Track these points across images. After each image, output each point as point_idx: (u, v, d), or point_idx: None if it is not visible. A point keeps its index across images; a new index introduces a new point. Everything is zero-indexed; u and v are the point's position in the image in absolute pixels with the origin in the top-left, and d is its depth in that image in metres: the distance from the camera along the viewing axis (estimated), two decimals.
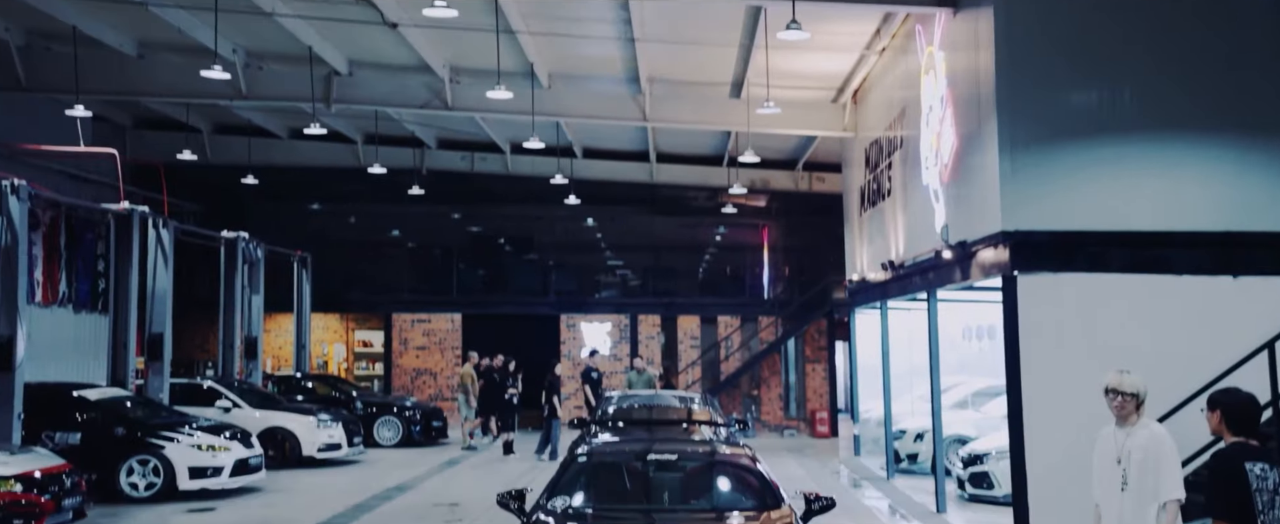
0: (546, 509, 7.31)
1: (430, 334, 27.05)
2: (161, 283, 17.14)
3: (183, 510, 13.34)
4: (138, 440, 14.19)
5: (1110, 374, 6.43)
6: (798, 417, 26.66)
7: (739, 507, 7.51)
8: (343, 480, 16.29)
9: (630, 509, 7.47)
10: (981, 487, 13.83)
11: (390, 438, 21.55)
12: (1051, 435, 9.67)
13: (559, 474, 7.90)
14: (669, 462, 8.09)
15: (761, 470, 7.95)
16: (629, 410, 14.62)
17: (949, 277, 12.52)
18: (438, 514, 12.95)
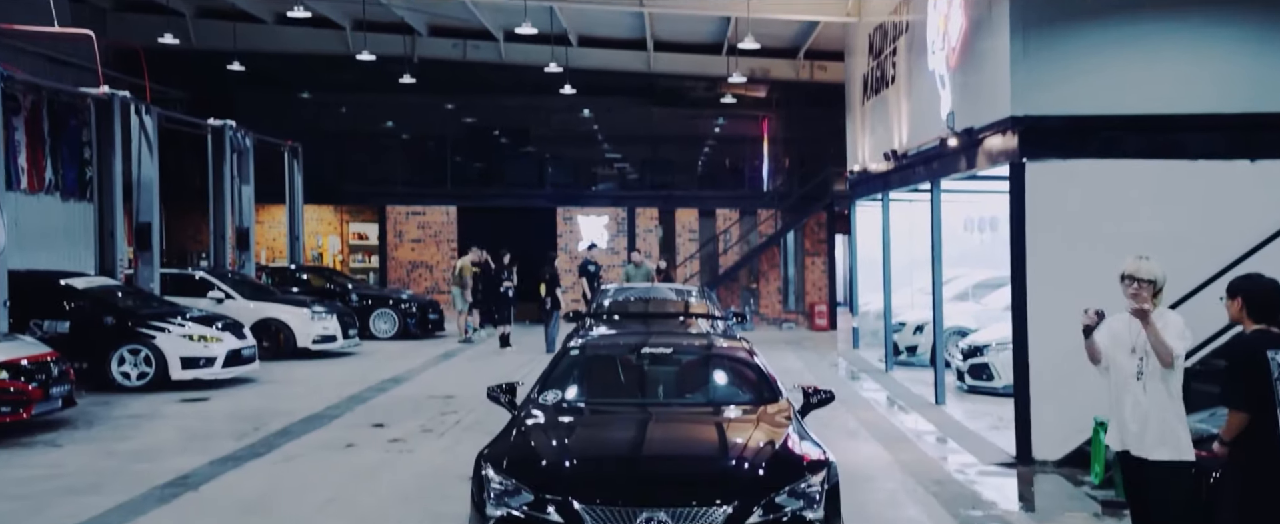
0: (537, 403, 7.13)
1: (425, 227, 26.78)
2: (147, 171, 16.77)
3: (175, 400, 13.24)
4: (128, 330, 14.02)
5: (1128, 260, 6.15)
6: (796, 310, 26.58)
7: (735, 400, 7.33)
8: (337, 372, 16.20)
9: (624, 403, 7.28)
10: (981, 378, 13.73)
11: (386, 330, 21.45)
12: (1056, 327, 9.42)
13: (551, 368, 7.70)
14: (664, 355, 7.87)
15: (758, 364, 7.75)
16: (625, 304, 14.43)
17: (953, 166, 12.19)
18: (433, 406, 12.85)
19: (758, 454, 6.14)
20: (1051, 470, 9.29)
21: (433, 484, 8.64)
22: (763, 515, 5.63)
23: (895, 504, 8.21)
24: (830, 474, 6.01)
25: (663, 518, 5.52)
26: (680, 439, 6.58)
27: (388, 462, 9.67)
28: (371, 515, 7.74)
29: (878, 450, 10.27)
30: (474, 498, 5.99)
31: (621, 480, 5.88)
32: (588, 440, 6.55)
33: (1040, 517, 7.80)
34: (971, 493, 8.55)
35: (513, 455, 6.18)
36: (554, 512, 5.64)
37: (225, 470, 9.27)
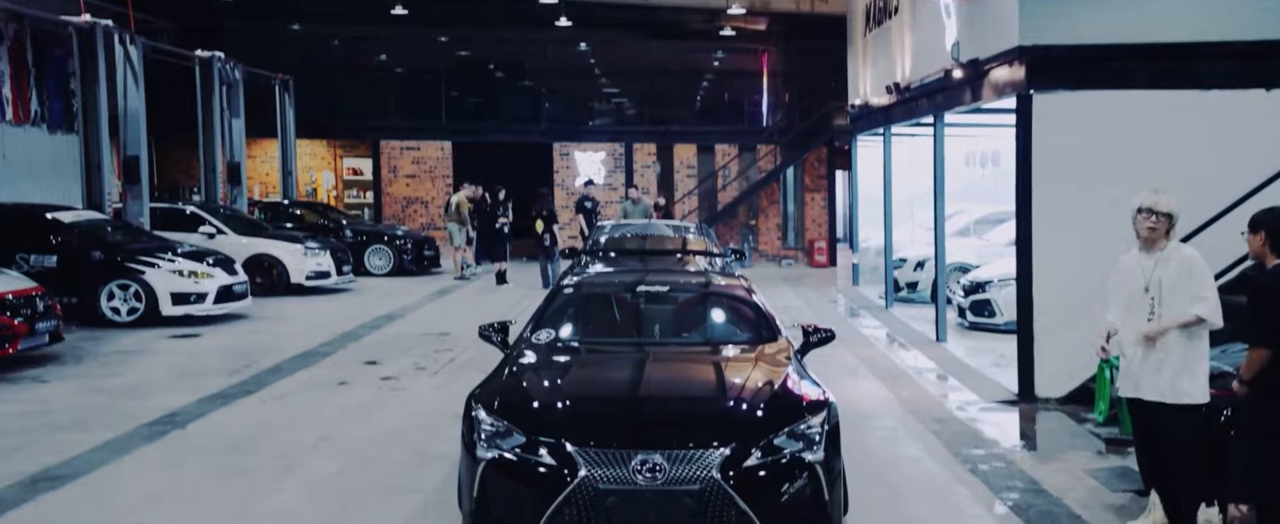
0: (530, 343, 6.93)
1: (420, 162, 26.46)
2: (133, 103, 16.42)
3: (166, 336, 13.07)
4: (117, 265, 13.81)
5: (1143, 193, 5.93)
6: (795, 246, 26.38)
7: (733, 339, 7.13)
8: (331, 308, 16.03)
9: (619, 342, 7.08)
10: (982, 315, 13.57)
11: (381, 267, 21.26)
12: (1061, 264, 9.25)
13: (544, 306, 7.49)
14: (660, 293, 7.65)
15: (757, 302, 7.54)
16: (622, 241, 14.22)
17: (958, 98, 11.88)
18: (427, 344, 12.69)
19: (756, 395, 5.96)
20: (1054, 408, 9.14)
21: (425, 423, 8.49)
22: (761, 457, 5.47)
23: (895, 443, 8.07)
24: (830, 414, 5.84)
25: (658, 460, 5.35)
26: (676, 380, 6.40)
27: (380, 400, 9.51)
28: (362, 455, 7.59)
29: (878, 388, 10.13)
30: (465, 440, 5.82)
31: (616, 422, 5.70)
32: (581, 381, 6.36)
33: (1043, 455, 7.66)
34: (973, 431, 8.40)
35: (504, 397, 6.00)
36: (546, 454, 5.47)
37: (214, 408, 9.12)
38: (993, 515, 6.29)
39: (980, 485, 6.88)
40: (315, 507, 6.38)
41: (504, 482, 5.56)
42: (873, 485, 6.74)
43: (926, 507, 6.41)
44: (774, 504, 5.42)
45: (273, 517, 6.19)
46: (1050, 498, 6.58)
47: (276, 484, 6.85)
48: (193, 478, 7.02)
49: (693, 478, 5.33)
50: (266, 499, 6.54)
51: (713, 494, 5.33)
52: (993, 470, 7.22)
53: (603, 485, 5.32)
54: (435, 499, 6.46)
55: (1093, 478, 7.01)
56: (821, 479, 5.54)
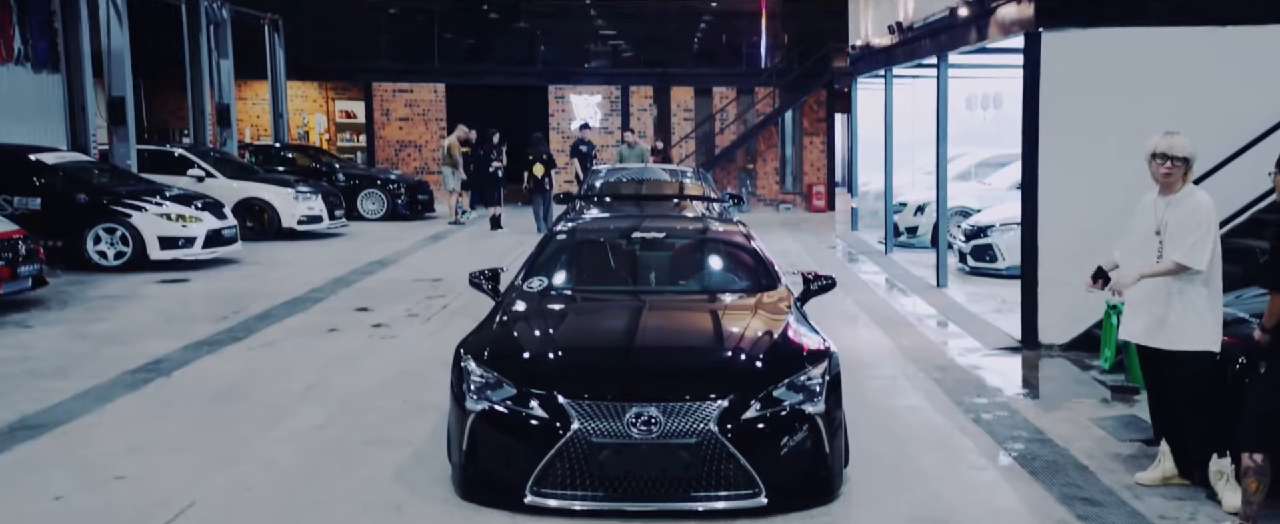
0: (521, 291, 6.71)
1: (413, 105, 26.06)
2: (117, 42, 16.04)
3: (153, 281, 12.85)
4: (102, 208, 13.54)
5: (1157, 138, 5.68)
6: (794, 191, 26.11)
7: (731, 287, 6.90)
8: (323, 253, 15.80)
9: (613, 291, 6.84)
10: (984, 260, 13.36)
11: (374, 211, 21.00)
12: (1067, 208, 9.01)
13: (536, 253, 7.25)
14: (656, 240, 7.41)
15: (756, 248, 7.31)
16: (617, 185, 13.97)
17: (963, 38, 11.56)
18: (419, 289, 12.47)
19: (755, 345, 5.76)
20: (1057, 354, 8.96)
21: (416, 372, 8.29)
22: (760, 409, 5.27)
23: (896, 392, 7.88)
24: (831, 365, 5.64)
25: (653, 413, 5.15)
26: (673, 329, 6.18)
27: (370, 348, 9.31)
28: (350, 405, 7.40)
29: (878, 335, 9.94)
30: (454, 390, 5.62)
31: (609, 373, 5.50)
32: (574, 331, 6.15)
33: (1047, 403, 7.48)
34: (975, 379, 8.22)
35: (495, 347, 5.79)
36: (537, 407, 5.27)
37: (200, 355, 8.92)
38: (997, 467, 6.12)
39: (984, 435, 6.70)
40: (301, 458, 6.20)
41: (494, 435, 5.37)
42: (874, 436, 6.56)
43: (929, 458, 6.24)
44: (773, 457, 5.25)
45: (257, 469, 6.01)
46: (1056, 448, 6.41)
47: (262, 435, 6.67)
48: (175, 428, 6.83)
49: (689, 431, 5.14)
50: (251, 450, 6.35)
51: (710, 447, 5.14)
52: (996, 420, 7.04)
53: (596, 439, 5.14)
54: (426, 451, 6.27)
55: (1099, 427, 6.84)
56: (822, 431, 5.37)
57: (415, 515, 5.29)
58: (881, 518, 5.26)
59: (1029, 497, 5.60)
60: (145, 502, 5.45)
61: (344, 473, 5.94)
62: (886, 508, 5.39)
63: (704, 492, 5.18)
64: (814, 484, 5.40)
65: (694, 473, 5.16)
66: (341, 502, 5.48)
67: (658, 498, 5.18)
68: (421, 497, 5.54)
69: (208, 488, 5.67)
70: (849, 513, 5.32)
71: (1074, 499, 5.52)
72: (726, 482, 5.18)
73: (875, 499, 5.51)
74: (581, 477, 5.18)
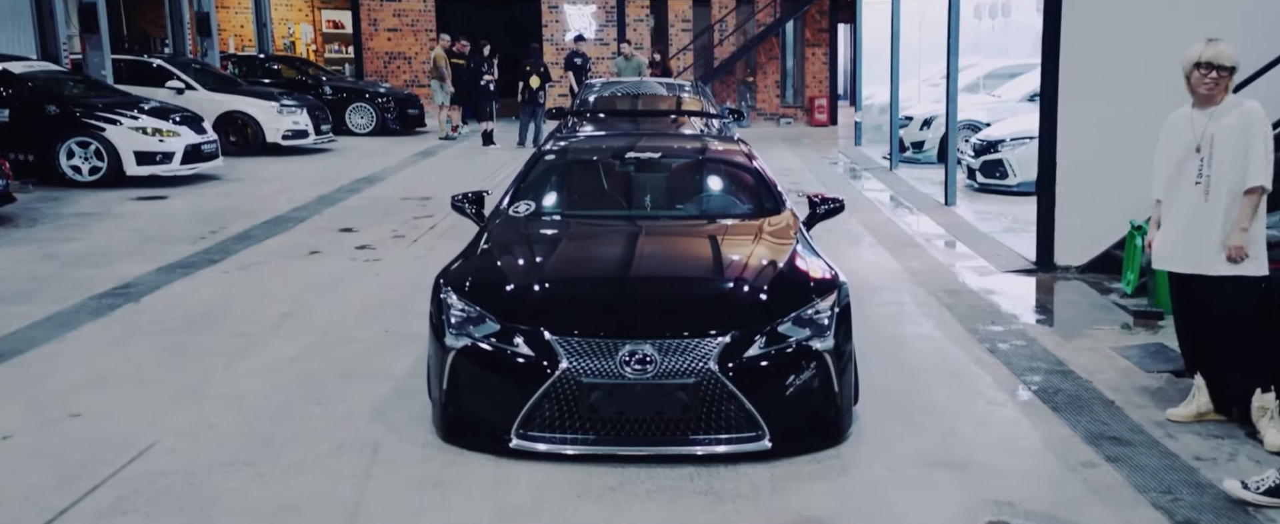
0: (507, 216, 6.23)
1: (402, 15, 25.21)
2: None
3: (129, 198, 12.37)
4: (74, 121, 12.99)
5: (1198, 46, 5.16)
6: (795, 105, 25.44)
7: (732, 212, 6.43)
8: (308, 170, 15.27)
9: (605, 216, 6.36)
10: (994, 176, 12.88)
11: (363, 126, 20.41)
12: (1090, 120, 8.49)
13: (523, 174, 6.75)
14: (652, 160, 6.89)
15: (758, 168, 6.81)
16: (612, 100, 13.38)
17: None
18: (406, 208, 12.00)
19: (758, 275, 5.31)
20: (1074, 277, 8.54)
21: (399, 298, 7.85)
22: (764, 346, 4.85)
23: (906, 319, 7.47)
24: (841, 296, 5.21)
25: (648, 351, 4.73)
26: (669, 259, 5.72)
27: (353, 272, 8.87)
28: (328, 335, 6.98)
29: (884, 257, 9.50)
30: (433, 324, 5.19)
31: (601, 308, 5.07)
32: (563, 261, 5.69)
33: (1066, 331, 7.07)
34: (989, 304, 7.80)
35: (477, 277, 5.35)
36: (523, 344, 4.84)
37: (173, 279, 8.48)
38: (1016, 402, 5.72)
39: (1000, 367, 6.30)
40: (273, 394, 5.79)
41: (476, 373, 4.96)
42: (883, 368, 6.16)
43: (943, 392, 5.84)
44: (778, 398, 4.85)
45: (224, 405, 5.61)
46: (1078, 380, 6.01)
47: (232, 367, 6.26)
48: (140, 359, 6.41)
49: (687, 370, 4.73)
50: (220, 384, 5.94)
51: (710, 387, 4.73)
52: (1013, 350, 6.64)
53: (586, 378, 4.72)
54: (407, 385, 5.87)
55: (1123, 357, 6.43)
56: (831, 369, 4.96)
57: (391, 459, 4.90)
58: (894, 461, 4.87)
59: (1052, 435, 5.21)
60: (100, 443, 5.05)
61: (318, 410, 5.53)
62: (899, 449, 5.00)
63: (704, 434, 4.79)
64: (822, 426, 5.01)
65: (692, 415, 4.76)
66: (313, 442, 5.08)
67: (654, 442, 4.79)
68: (400, 437, 5.14)
69: (169, 427, 5.27)
70: (858, 455, 4.94)
71: (1101, 438, 5.14)
72: (728, 424, 4.79)
73: (886, 439, 5.12)
74: (571, 419, 4.79)
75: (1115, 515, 4.32)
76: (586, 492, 4.54)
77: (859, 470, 4.78)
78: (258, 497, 4.49)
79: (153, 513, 4.33)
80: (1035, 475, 4.74)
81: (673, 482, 4.62)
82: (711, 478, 4.66)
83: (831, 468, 4.79)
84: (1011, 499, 4.48)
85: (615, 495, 4.50)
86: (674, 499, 4.47)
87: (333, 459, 4.89)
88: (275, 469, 4.78)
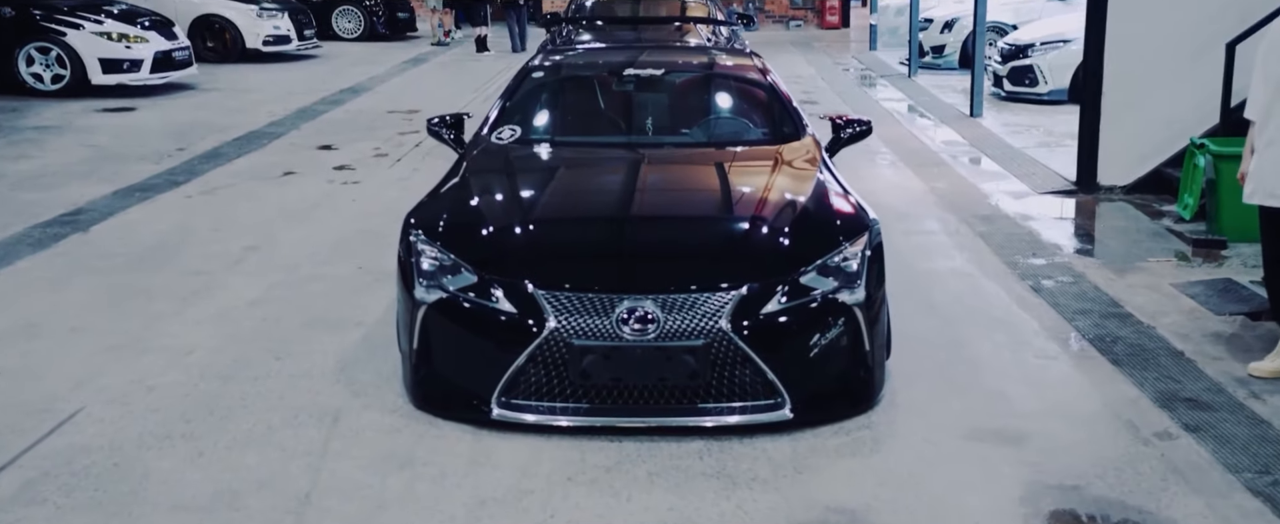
0: (488, 145, 5.45)
1: None
2: None
3: (94, 109, 11.57)
4: (32, 24, 12.12)
5: None
6: (805, 6, 24.30)
7: (746, 137, 5.63)
8: (289, 79, 14.41)
9: (601, 143, 5.57)
10: (1022, 83, 12.02)
11: (350, 30, 19.45)
12: (1141, 22, 7.65)
13: (508, 95, 5.94)
14: (655, 78, 6.04)
15: (775, 85, 5.99)
16: (609, 5, 12.43)
17: None
18: (392, 123, 11.20)
19: (778, 216, 4.55)
20: (1119, 198, 7.79)
21: (378, 228, 7.07)
22: (785, 301, 4.13)
23: (936, 251, 6.73)
24: (871, 238, 4.46)
25: (649, 308, 4.01)
26: (675, 196, 4.97)
27: (328, 196, 8.12)
28: (295, 272, 6.27)
29: (907, 177, 8.73)
30: (402, 272, 4.48)
31: (594, 256, 4.36)
32: (551, 199, 4.93)
33: (1118, 263, 6.34)
34: (1027, 232, 7.06)
35: (452, 218, 4.60)
36: (504, 299, 4.13)
37: (129, 204, 7.74)
38: (1070, 354, 5.02)
39: (1046, 309, 5.59)
40: (226, 345, 5.10)
41: (451, 332, 4.26)
42: (915, 312, 5.45)
43: (984, 343, 5.14)
44: (800, 360, 4.15)
45: (167, 360, 4.92)
46: (1138, 325, 5.30)
47: (183, 312, 5.56)
48: (78, 301, 5.72)
49: (695, 330, 4.02)
50: (166, 334, 5.25)
51: (721, 350, 4.03)
52: (1059, 288, 5.92)
53: (578, 341, 4.02)
54: (378, 335, 5.18)
55: (1185, 295, 5.72)
56: (861, 325, 4.25)
57: (354, 430, 4.22)
58: (934, 432, 4.19)
59: (1116, 397, 4.51)
60: (16, 408, 4.38)
61: (274, 367, 4.84)
62: (939, 417, 4.31)
63: (714, 402, 4.11)
64: (850, 390, 4.32)
65: (701, 381, 4.06)
66: (265, 409, 4.40)
67: (656, 412, 4.10)
68: (365, 402, 4.46)
69: (100, 388, 4.58)
70: (893, 425, 4.25)
71: (1174, 400, 4.44)
72: (742, 390, 4.10)
73: (924, 404, 4.43)
74: (561, 386, 4.10)
75: (1207, 505, 3.64)
76: (578, 473, 3.88)
77: (894, 444, 4.10)
78: (192, 482, 3.82)
79: (65, 504, 3.67)
80: (1102, 450, 4.05)
81: (678, 460, 3.95)
82: (723, 455, 3.99)
83: (862, 442, 4.11)
84: (1077, 481, 3.81)
85: (611, 478, 3.84)
86: (680, 484, 3.80)
87: (286, 431, 4.21)
88: (217, 445, 4.10)
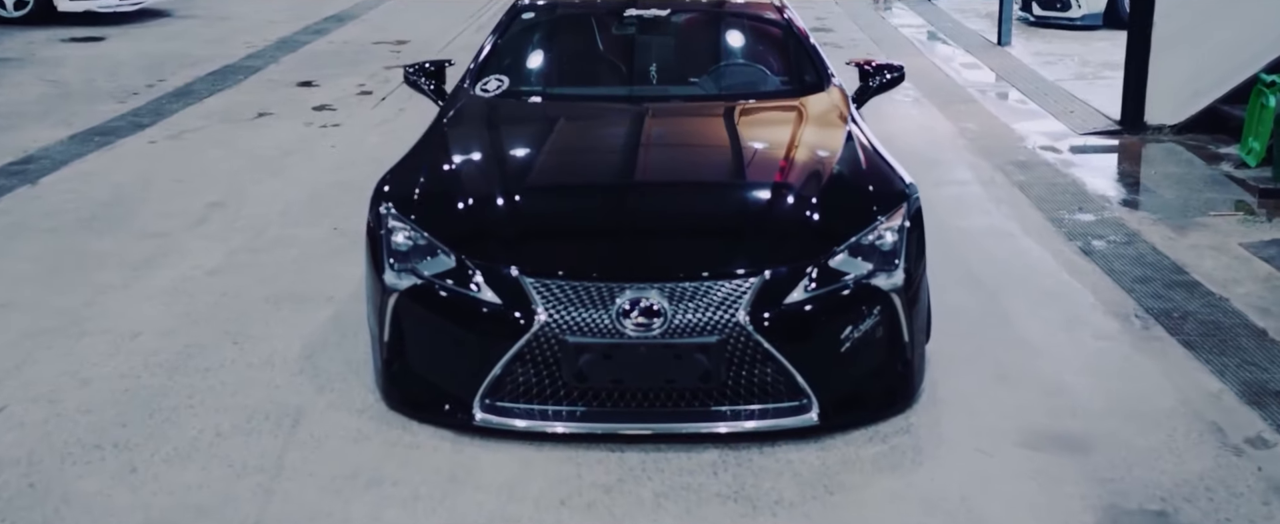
0: (471, 98, 4.77)
1: None
2: None
3: (59, 39, 10.92)
4: None
5: None
6: None
7: (763, 89, 4.93)
8: (271, 5, 13.65)
9: (598, 96, 4.89)
10: (1053, 7, 11.26)
11: None
12: None
13: (493, 41, 5.24)
14: (660, 19, 5.30)
15: (796, 28, 5.28)
16: None
17: None
18: (378, 56, 10.50)
19: (804, 185, 3.91)
20: (1169, 139, 7.15)
21: (357, 181, 6.32)
22: (813, 288, 3.52)
23: (970, 206, 6.09)
24: (909, 207, 3.83)
25: (655, 299, 3.41)
26: (684, 161, 4.31)
27: (305, 142, 7.48)
28: (262, 235, 5.66)
29: (932, 116, 8.05)
30: (370, 247, 3.86)
31: (592, 236, 3.74)
32: (542, 168, 4.27)
33: (1174, 216, 5.73)
34: (1071, 182, 6.42)
35: (428, 188, 3.97)
36: (487, 287, 3.52)
37: (86, 150, 7.12)
38: (1133, 334, 4.42)
39: (1102, 278, 4.98)
40: (177, 327, 4.51)
41: (426, 324, 3.67)
42: (952, 282, 4.84)
43: (1034, 321, 4.53)
44: (829, 356, 3.55)
45: (109, 346, 4.34)
46: (1208, 297, 4.70)
47: (132, 284, 4.97)
48: (15, 270, 5.13)
49: (709, 325, 3.42)
50: (110, 311, 4.66)
51: (738, 347, 3.44)
52: (1113, 250, 5.30)
53: (572, 337, 3.42)
54: (350, 313, 4.59)
55: (1259, 258, 5.11)
56: (900, 313, 3.64)
57: (316, 438, 3.64)
58: (986, 437, 3.61)
59: (1194, 391, 3.92)
60: None
61: (230, 354, 4.26)
62: (990, 417, 3.73)
63: (730, 406, 3.52)
64: (886, 387, 3.73)
65: (715, 383, 3.48)
66: (214, 409, 3.83)
67: (663, 417, 3.53)
68: (331, 399, 3.89)
69: (26, 383, 4.01)
70: (938, 427, 3.67)
71: (1264, 395, 3.86)
72: (761, 392, 3.52)
73: (971, 400, 3.85)
74: (553, 388, 3.52)
75: None
76: (573, 495, 3.31)
77: (941, 455, 3.52)
78: (119, 509, 3.25)
79: None
80: (1186, 462, 3.47)
81: (689, 476, 3.39)
82: (742, 470, 3.42)
83: (903, 452, 3.53)
84: (1161, 505, 3.24)
85: (612, 501, 3.28)
86: (692, 509, 3.24)
87: (237, 439, 3.64)
88: (154, 457, 3.54)
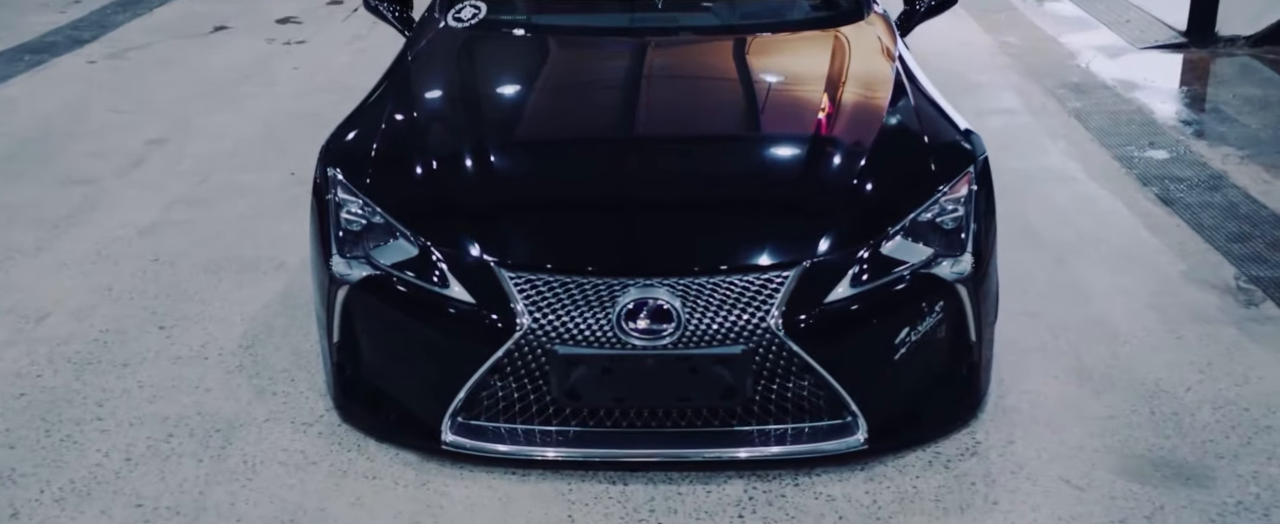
0: (440, 31, 3.90)
1: None
2: None
3: None
4: None
5: None
6: None
7: (790, 18, 4.00)
8: None
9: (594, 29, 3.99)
10: None
11: None
12: None
13: None
14: None
15: None
16: None
17: None
18: None
19: (847, 149, 3.12)
20: (1244, 53, 6.35)
21: (321, 111, 5.63)
22: (861, 281, 2.77)
23: (1022, 140, 5.32)
24: (976, 171, 3.08)
25: (664, 300, 2.68)
26: (698, 116, 3.44)
27: (264, 63, 6.67)
28: (207, 181, 4.93)
29: (970, 30, 7.19)
30: (316, 219, 3.13)
31: (586, 219, 2.98)
32: (526, 127, 3.45)
33: (1265, 152, 4.99)
34: (1136, 109, 5.64)
35: (383, 155, 3.17)
36: (456, 283, 2.79)
37: (14, 73, 6.35)
38: (1237, 313, 3.68)
39: (1187, 233, 4.24)
40: (94, 305, 3.81)
41: (383, 324, 2.96)
42: (1010, 242, 4.04)
43: (1113, 293, 3.80)
44: (881, 365, 2.85)
45: (5, 331, 3.65)
46: None
47: (46, 249, 4.25)
48: None
49: (732, 331, 2.69)
50: (16, 284, 3.97)
51: (768, 358, 2.72)
52: (1197, 198, 4.56)
53: (563, 347, 2.70)
54: (303, 283, 3.86)
55: None
56: (966, 306, 2.92)
57: (249, 462, 2.96)
58: (1074, 464, 2.90)
59: None
60: None
61: (154, 343, 3.57)
62: (1074, 431, 3.03)
63: (758, 426, 2.84)
64: (948, 398, 3.04)
65: (740, 400, 2.78)
66: (127, 419, 3.14)
67: (675, 441, 2.83)
68: (273, 407, 3.21)
69: None
70: (1011, 447, 2.97)
71: None
72: (796, 410, 2.83)
73: (1048, 406, 3.15)
74: (540, 406, 2.83)
75: None
76: None
77: (1018, 485, 2.83)
78: None
79: None
80: None
81: (708, 519, 2.72)
82: (773, 510, 2.74)
83: (972, 482, 2.84)
84: None
85: None
86: None
87: (150, 465, 2.97)
88: (44, 496, 2.84)
